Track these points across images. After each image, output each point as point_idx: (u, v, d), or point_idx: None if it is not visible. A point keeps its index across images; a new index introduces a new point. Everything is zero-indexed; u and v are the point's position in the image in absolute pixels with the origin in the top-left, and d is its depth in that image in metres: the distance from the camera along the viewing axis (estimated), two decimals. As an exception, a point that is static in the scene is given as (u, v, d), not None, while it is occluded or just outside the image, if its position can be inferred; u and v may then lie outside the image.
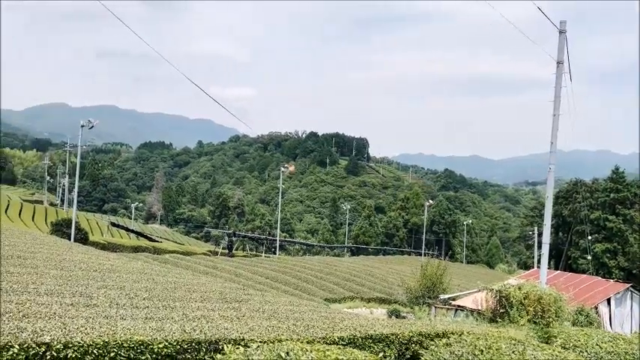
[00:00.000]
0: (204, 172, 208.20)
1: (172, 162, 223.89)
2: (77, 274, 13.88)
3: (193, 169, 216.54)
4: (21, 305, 8.00)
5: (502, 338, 7.68)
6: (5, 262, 14.31)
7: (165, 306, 10.57)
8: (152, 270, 18.98)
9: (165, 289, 13.72)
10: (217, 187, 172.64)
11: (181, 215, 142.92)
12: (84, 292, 10.95)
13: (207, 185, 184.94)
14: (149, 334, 6.50)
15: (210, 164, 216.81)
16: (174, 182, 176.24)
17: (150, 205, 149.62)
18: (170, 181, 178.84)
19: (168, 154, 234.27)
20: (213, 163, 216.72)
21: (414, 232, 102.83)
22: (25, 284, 10.96)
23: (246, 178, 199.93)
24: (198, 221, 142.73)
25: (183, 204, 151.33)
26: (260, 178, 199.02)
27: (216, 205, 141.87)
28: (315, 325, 9.26)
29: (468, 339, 7.62)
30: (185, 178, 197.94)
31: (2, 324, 6.06)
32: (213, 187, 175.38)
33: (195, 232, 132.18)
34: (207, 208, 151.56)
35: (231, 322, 8.62)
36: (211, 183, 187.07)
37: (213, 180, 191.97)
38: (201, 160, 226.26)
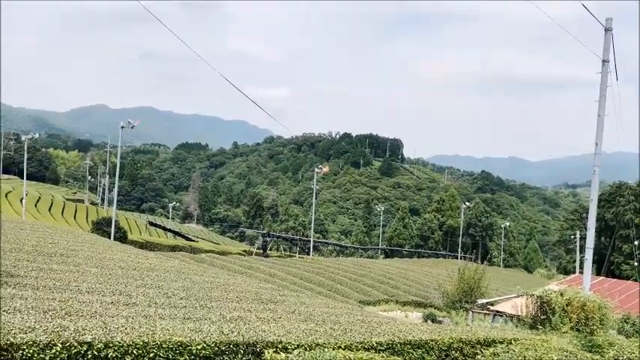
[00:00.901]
0: (240, 173, 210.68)
1: (208, 162, 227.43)
2: (117, 273, 14.13)
3: (229, 169, 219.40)
4: (63, 303, 8.13)
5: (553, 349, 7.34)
6: (48, 259, 14.70)
7: (203, 306, 10.60)
8: (189, 269, 19.19)
9: (203, 289, 13.81)
10: (252, 188, 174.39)
11: (217, 215, 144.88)
12: (123, 291, 11.10)
13: (242, 186, 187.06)
14: (187, 335, 6.49)
15: (245, 165, 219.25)
16: (210, 182, 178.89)
17: (187, 204, 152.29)
18: (206, 181, 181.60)
19: (205, 155, 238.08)
20: (248, 164, 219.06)
21: (450, 234, 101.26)
22: (67, 282, 11.19)
23: (280, 178, 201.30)
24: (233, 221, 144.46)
25: (219, 204, 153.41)
26: (294, 178, 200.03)
27: (251, 205, 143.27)
28: (353, 329, 9.11)
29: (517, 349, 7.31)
30: (221, 179, 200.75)
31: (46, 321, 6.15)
32: (248, 188, 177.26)
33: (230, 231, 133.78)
34: (242, 208, 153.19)
35: (268, 324, 8.55)
36: (246, 183, 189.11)
37: (248, 180, 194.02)
38: (237, 160, 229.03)
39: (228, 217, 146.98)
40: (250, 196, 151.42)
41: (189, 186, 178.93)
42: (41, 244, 16.99)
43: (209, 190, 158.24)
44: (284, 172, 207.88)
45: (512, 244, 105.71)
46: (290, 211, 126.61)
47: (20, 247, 15.54)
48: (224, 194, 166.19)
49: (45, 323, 5.97)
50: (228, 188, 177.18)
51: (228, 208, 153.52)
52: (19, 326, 5.57)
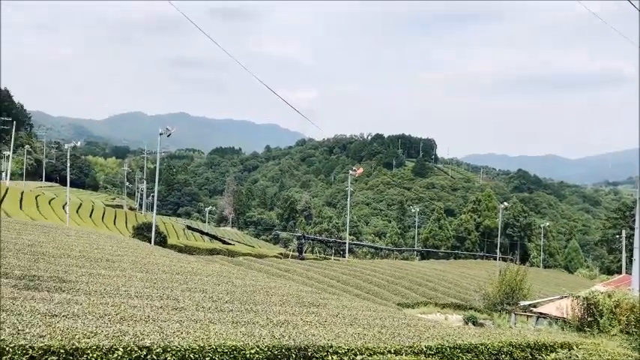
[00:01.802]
0: (272, 176, 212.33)
1: (242, 166, 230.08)
2: (161, 277, 14.41)
3: (262, 173, 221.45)
4: (117, 308, 8.34)
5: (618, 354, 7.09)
6: (96, 264, 15.12)
7: (248, 309, 10.70)
8: (229, 272, 19.42)
9: (245, 292, 13.95)
10: (285, 191, 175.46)
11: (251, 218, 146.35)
12: (170, 295, 11.30)
13: (275, 189, 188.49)
14: (240, 340, 6.56)
15: (277, 168, 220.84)
16: (244, 186, 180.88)
17: (221, 208, 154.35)
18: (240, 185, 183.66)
19: (238, 159, 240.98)
20: (281, 167, 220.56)
21: (487, 235, 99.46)
22: (116, 287, 11.47)
23: (312, 181, 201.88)
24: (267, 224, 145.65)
25: (253, 207, 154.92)
26: (326, 181, 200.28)
27: (284, 208, 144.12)
28: (401, 332, 9.03)
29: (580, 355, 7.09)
30: (254, 182, 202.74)
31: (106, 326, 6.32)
32: (281, 191, 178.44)
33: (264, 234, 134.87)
34: (276, 211, 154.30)
35: (316, 328, 8.56)
36: (279, 186, 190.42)
37: (281, 183, 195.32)
38: (269, 164, 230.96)
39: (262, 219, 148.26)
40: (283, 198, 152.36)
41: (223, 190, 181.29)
42: (87, 250, 17.48)
43: (243, 193, 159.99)
44: (316, 175, 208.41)
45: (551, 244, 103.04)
46: (323, 213, 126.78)
47: (68, 252, 16.02)
48: (258, 197, 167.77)
49: (105, 328, 6.12)
50: (261, 191, 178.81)
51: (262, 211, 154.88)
52: (81, 331, 5.73)
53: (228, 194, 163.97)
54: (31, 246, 15.71)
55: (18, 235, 17.77)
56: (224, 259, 34.58)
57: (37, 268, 12.31)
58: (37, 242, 16.82)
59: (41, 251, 15.02)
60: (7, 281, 10.02)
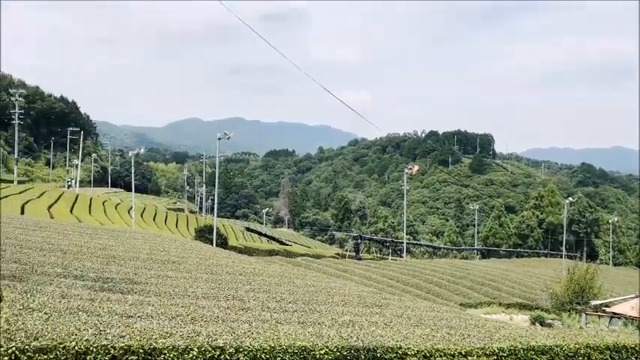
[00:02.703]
0: (326, 177, 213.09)
1: (296, 168, 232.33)
2: (225, 278, 14.71)
3: (315, 174, 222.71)
4: (187, 308, 8.56)
5: None
6: (163, 266, 15.63)
7: (312, 310, 10.73)
8: (290, 273, 19.60)
9: (307, 293, 14.01)
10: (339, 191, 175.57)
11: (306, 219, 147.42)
12: (236, 296, 11.50)
13: (329, 189, 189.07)
14: (310, 340, 6.56)
15: (330, 169, 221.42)
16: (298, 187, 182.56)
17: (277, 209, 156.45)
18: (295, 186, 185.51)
19: (292, 161, 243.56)
20: (334, 168, 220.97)
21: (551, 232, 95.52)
22: (184, 288, 11.79)
23: (366, 180, 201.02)
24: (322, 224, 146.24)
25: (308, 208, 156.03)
26: (380, 180, 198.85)
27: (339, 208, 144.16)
28: (470, 334, 8.77)
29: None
30: (308, 183, 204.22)
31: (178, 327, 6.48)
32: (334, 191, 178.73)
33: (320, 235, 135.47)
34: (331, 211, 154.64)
35: (382, 329, 8.46)
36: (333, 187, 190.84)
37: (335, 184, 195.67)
38: (322, 165, 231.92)
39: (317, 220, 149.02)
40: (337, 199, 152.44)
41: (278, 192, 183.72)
42: (154, 252, 18.11)
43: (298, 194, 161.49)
44: (370, 174, 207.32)
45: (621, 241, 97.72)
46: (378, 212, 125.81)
47: (137, 255, 16.66)
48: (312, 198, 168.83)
49: (179, 329, 6.28)
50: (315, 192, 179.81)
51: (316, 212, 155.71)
52: (158, 332, 5.90)
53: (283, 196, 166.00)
54: (102, 249, 16.45)
55: (90, 239, 18.66)
56: (282, 260, 34.96)
57: (109, 270, 12.86)
58: (108, 246, 17.59)
59: (112, 254, 15.69)
60: (83, 283, 10.50)
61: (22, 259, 11.69)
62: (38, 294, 7.70)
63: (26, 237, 16.12)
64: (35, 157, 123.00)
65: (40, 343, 4.96)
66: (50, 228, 20.44)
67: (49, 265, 11.56)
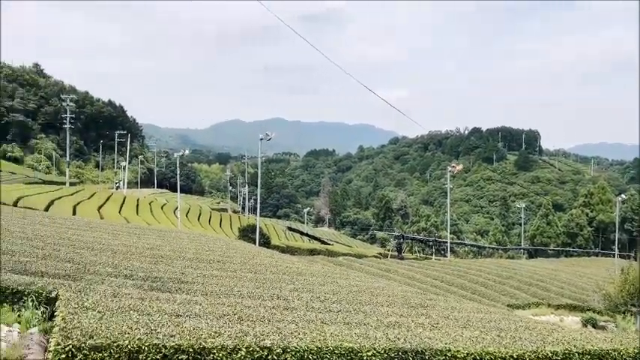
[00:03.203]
0: (366, 176, 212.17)
1: (336, 167, 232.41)
2: (269, 277, 14.81)
3: (356, 172, 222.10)
4: (233, 308, 8.64)
5: None
6: (208, 265, 15.89)
7: (357, 310, 10.65)
8: (332, 273, 19.57)
9: (350, 293, 13.94)
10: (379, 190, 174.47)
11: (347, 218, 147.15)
12: (280, 295, 11.55)
13: (369, 188, 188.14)
14: (357, 341, 6.49)
15: (371, 167, 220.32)
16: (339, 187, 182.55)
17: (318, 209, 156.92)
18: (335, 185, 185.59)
19: (332, 160, 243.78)
20: (375, 166, 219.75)
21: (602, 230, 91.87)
22: (230, 287, 11.93)
23: (407, 179, 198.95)
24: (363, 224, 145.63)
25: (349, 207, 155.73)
26: (421, 178, 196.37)
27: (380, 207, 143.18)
28: (522, 336, 8.49)
29: None
30: (349, 182, 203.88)
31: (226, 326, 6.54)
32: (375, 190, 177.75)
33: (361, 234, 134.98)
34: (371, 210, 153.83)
35: (430, 331, 8.30)
36: (373, 186, 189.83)
37: (375, 183, 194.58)
38: (363, 164, 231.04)
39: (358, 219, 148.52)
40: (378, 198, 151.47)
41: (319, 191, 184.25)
42: (200, 252, 18.44)
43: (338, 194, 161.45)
44: (411, 173, 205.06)
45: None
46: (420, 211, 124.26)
47: (183, 255, 16.99)
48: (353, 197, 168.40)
49: (227, 328, 6.34)
50: (356, 191, 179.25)
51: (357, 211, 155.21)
52: (207, 331, 5.97)
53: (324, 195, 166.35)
54: (150, 249, 16.87)
55: (138, 240, 19.19)
56: (324, 259, 34.98)
57: (157, 269, 13.16)
58: (155, 245, 18.03)
59: (159, 254, 16.06)
60: (132, 282, 10.78)
61: (76, 259, 12.11)
62: (91, 293, 7.94)
63: (78, 237, 16.72)
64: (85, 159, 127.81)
65: (95, 342, 5.09)
66: (100, 228, 21.13)
67: (100, 265, 11.93)
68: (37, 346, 6.02)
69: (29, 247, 12.32)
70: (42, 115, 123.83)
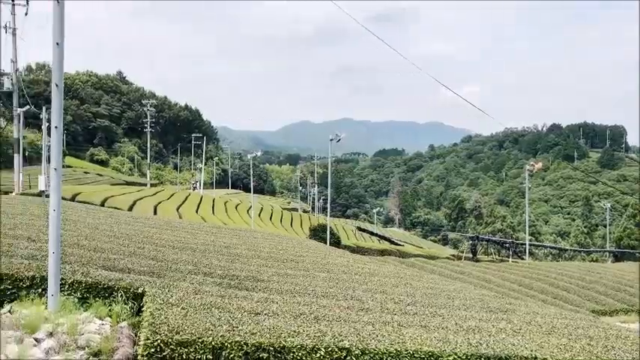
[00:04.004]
0: (438, 175, 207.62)
1: (405, 167, 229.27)
2: (342, 277, 14.80)
3: (426, 172, 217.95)
4: (309, 307, 8.69)
5: None
6: (282, 264, 16.12)
7: (433, 313, 10.39)
8: (405, 274, 19.26)
9: (425, 295, 13.64)
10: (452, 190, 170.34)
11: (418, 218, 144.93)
12: (354, 296, 11.50)
13: (441, 188, 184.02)
14: (436, 345, 6.32)
15: (442, 167, 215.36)
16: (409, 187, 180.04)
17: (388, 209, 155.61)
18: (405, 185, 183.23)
19: (402, 160, 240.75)
20: (446, 166, 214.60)
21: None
22: (304, 286, 12.02)
23: (481, 178, 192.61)
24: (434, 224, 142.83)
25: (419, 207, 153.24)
26: (496, 177, 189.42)
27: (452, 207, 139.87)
28: (615, 345, 7.92)
29: None
30: (419, 182, 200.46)
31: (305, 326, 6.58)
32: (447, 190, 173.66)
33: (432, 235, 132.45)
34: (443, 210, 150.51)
35: (513, 337, 7.93)
36: (445, 185, 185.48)
37: (447, 182, 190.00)
38: (434, 163, 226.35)
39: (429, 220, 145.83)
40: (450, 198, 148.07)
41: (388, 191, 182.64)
42: (274, 251, 18.76)
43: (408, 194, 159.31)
44: (485, 172, 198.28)
45: None
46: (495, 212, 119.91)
47: (258, 253, 17.36)
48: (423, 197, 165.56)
49: (305, 327, 6.37)
50: (427, 191, 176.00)
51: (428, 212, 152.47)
52: (286, 330, 6.04)
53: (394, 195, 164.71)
54: (227, 247, 17.37)
55: (215, 238, 19.82)
56: (396, 260, 34.57)
57: (234, 268, 13.51)
58: (232, 244, 18.55)
59: (236, 252, 16.49)
60: (212, 280, 11.13)
61: (158, 257, 12.68)
62: (175, 289, 8.26)
63: (160, 236, 17.51)
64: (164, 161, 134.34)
65: (181, 337, 5.28)
66: (180, 227, 22.04)
67: (181, 263, 12.41)
68: (126, 339, 6.34)
69: (116, 245, 13.04)
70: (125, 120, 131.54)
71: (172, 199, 54.60)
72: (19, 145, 37.40)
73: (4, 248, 9.83)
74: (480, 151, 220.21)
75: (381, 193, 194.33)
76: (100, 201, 35.22)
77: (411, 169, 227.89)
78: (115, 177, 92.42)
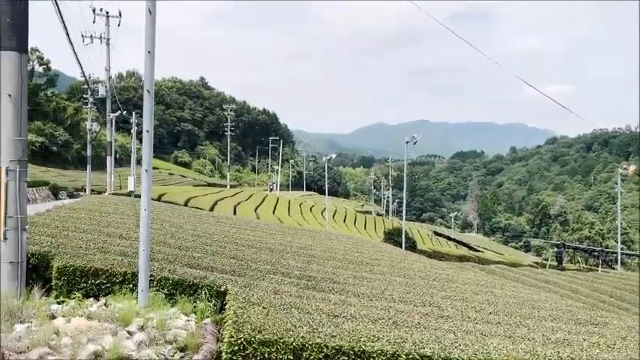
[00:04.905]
0: (519, 179, 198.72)
1: (485, 170, 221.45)
2: (419, 283, 14.51)
3: (507, 175, 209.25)
4: (386, 312, 8.58)
5: None
6: (358, 267, 16.07)
7: (517, 323, 9.91)
8: (485, 281, 18.57)
9: (508, 304, 13.06)
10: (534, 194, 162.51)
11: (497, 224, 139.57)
12: (432, 302, 11.22)
13: (523, 192, 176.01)
14: (523, 358, 6.00)
15: (525, 170, 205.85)
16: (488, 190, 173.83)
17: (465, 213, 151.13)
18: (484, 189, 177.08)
19: (481, 162, 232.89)
20: (529, 169, 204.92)
21: None
22: (380, 290, 11.90)
23: (567, 182, 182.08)
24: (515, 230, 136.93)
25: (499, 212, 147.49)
26: (584, 182, 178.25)
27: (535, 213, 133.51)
28: None
29: None
30: (499, 186, 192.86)
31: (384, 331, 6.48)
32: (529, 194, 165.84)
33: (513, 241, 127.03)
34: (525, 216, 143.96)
35: (608, 353, 7.39)
36: (527, 190, 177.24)
37: (530, 186, 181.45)
38: (515, 166, 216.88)
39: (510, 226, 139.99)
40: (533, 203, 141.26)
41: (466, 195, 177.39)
42: (349, 253, 18.77)
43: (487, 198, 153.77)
44: (571, 176, 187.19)
45: None
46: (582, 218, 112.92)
47: (333, 255, 17.43)
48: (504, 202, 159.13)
49: (385, 333, 6.28)
50: (507, 196, 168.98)
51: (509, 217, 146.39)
52: (365, 334, 5.98)
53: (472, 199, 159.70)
54: (303, 249, 17.59)
55: (292, 239, 20.14)
56: (475, 267, 33.42)
57: (310, 269, 13.65)
58: (307, 245, 18.76)
59: (311, 254, 16.66)
60: (289, 280, 11.30)
61: (239, 256, 13.05)
62: (255, 289, 8.45)
63: (240, 235, 18.05)
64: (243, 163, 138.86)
65: (264, 337, 5.38)
66: (258, 228, 22.60)
67: (260, 262, 12.70)
68: (210, 336, 6.55)
69: (199, 244, 13.58)
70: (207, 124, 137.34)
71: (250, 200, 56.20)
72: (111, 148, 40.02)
73: (99, 245, 10.53)
74: (565, 154, 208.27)
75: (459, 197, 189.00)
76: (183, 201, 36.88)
77: (490, 172, 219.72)
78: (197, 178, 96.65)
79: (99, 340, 5.75)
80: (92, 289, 7.90)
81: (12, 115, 7.65)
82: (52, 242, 9.90)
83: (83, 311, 6.73)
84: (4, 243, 7.58)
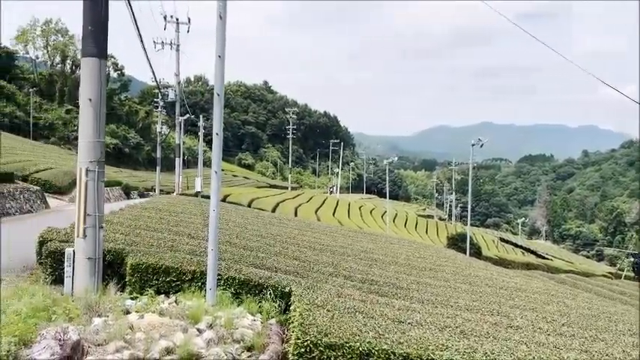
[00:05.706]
0: (592, 184, 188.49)
1: (554, 174, 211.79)
2: (486, 291, 14.02)
3: (579, 180, 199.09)
4: (453, 320, 8.33)
5: None
6: (421, 273, 15.75)
7: (593, 337, 9.35)
8: (556, 291, 17.70)
9: (582, 316, 12.37)
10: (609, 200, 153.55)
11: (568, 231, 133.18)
12: (500, 311, 10.80)
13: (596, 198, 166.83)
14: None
15: (598, 175, 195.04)
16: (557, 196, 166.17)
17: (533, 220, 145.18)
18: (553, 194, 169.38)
19: (550, 167, 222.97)
20: (602, 174, 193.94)
21: None
22: (445, 297, 11.59)
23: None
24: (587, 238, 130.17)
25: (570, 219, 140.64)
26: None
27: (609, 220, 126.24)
28: None
29: None
30: (570, 192, 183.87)
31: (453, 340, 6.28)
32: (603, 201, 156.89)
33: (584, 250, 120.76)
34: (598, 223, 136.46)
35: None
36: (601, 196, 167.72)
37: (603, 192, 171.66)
38: (587, 170, 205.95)
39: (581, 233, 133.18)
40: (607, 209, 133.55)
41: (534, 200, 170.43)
42: (411, 258, 18.44)
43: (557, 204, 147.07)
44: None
45: None
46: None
47: (395, 260, 17.18)
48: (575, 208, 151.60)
49: (454, 342, 6.09)
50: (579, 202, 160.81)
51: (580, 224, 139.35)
52: (433, 342, 5.82)
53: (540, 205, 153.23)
54: (364, 252, 17.46)
55: (353, 242, 20.05)
56: (543, 275, 31.98)
57: (372, 273, 13.50)
58: (369, 249, 18.61)
59: (373, 257, 16.50)
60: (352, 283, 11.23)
61: (301, 257, 13.13)
62: (319, 291, 8.45)
63: (302, 237, 18.17)
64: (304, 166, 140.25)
65: (330, 340, 5.35)
66: (319, 230, 22.69)
67: (322, 264, 12.71)
68: (276, 337, 6.61)
69: (263, 245, 13.78)
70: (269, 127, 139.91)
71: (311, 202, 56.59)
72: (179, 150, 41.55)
73: (168, 244, 10.91)
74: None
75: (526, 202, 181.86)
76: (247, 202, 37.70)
77: (560, 176, 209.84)
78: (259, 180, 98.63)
79: (170, 336, 5.93)
80: (163, 286, 8.18)
81: (92, 118, 8.07)
82: (125, 240, 10.37)
83: (155, 308, 6.97)
84: (84, 240, 8.00)
